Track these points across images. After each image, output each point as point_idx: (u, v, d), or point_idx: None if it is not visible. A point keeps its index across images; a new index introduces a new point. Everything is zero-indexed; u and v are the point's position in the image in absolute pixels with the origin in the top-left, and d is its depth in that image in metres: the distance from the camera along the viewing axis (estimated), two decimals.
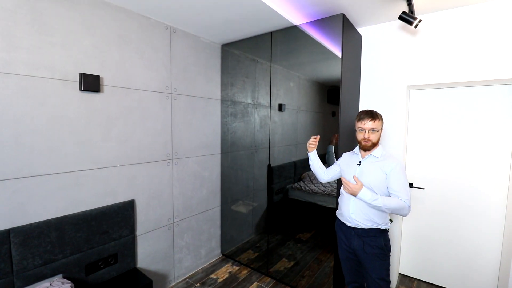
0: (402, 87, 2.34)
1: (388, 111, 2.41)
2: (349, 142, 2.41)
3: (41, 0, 1.63)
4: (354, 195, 1.67)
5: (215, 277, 2.70)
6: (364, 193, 1.63)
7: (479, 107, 2.21)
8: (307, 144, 2.06)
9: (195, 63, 2.63)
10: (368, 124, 1.69)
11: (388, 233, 1.79)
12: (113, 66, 2.00)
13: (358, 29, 2.51)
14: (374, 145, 1.73)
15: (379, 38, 2.43)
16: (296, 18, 2.27)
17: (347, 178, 1.81)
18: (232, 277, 2.71)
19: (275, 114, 2.70)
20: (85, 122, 1.87)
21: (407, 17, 1.97)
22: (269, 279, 2.70)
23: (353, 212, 1.75)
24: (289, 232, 2.92)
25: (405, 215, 1.63)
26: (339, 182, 2.26)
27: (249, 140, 2.90)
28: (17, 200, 1.60)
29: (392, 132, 2.41)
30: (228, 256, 3.11)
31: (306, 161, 2.97)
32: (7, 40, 1.53)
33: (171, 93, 2.42)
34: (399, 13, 2.11)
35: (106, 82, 1.96)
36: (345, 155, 1.98)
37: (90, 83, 1.85)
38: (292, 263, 2.76)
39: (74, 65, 1.80)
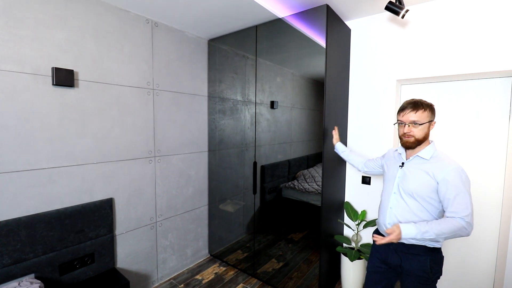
0: (391, 81, 2.25)
1: (378, 107, 2.32)
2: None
3: None
4: (398, 241, 1.35)
5: (200, 278, 2.63)
6: (407, 232, 1.31)
7: (472, 101, 2.10)
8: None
9: (179, 58, 2.57)
10: (409, 115, 1.39)
11: (441, 253, 1.44)
12: (89, 61, 1.95)
13: (347, 22, 2.42)
14: (420, 142, 1.41)
15: (368, 30, 2.34)
16: (280, 10, 2.19)
17: (387, 182, 1.57)
18: (218, 278, 2.64)
19: (267, 111, 2.62)
20: (59, 118, 1.82)
21: (394, 7, 1.88)
22: (255, 280, 2.62)
23: (390, 223, 1.48)
24: (281, 232, 2.84)
25: (466, 236, 1.29)
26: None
27: (239, 138, 2.83)
28: None
29: (381, 128, 2.31)
30: (216, 256, 3.04)
31: (300, 160, 2.90)
32: None
33: (153, 89, 2.36)
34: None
35: (81, 76, 1.91)
36: (390, 152, 1.70)
37: (63, 78, 1.80)
38: (281, 264, 2.68)
39: (46, 59, 1.75)
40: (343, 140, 2.45)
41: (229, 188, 2.95)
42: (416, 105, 1.39)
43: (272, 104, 2.62)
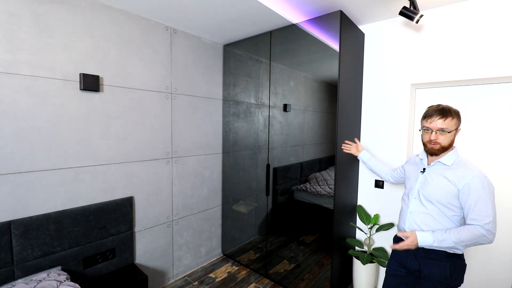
0: (406, 85, 2.25)
1: (392, 111, 2.33)
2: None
3: (42, 4, 1.72)
4: (415, 247, 1.37)
5: (213, 276, 2.71)
6: (424, 239, 1.33)
7: (489, 106, 2.07)
8: (345, 151, 1.95)
9: (196, 63, 2.67)
10: (436, 123, 1.36)
11: (463, 260, 1.42)
12: (113, 67, 2.07)
13: (360, 27, 2.44)
14: (445, 149, 1.40)
15: (382, 35, 2.35)
16: (294, 16, 2.25)
17: (408, 186, 1.57)
18: (231, 277, 2.70)
19: (280, 114, 2.67)
20: (85, 120, 1.94)
21: (408, 12, 1.89)
22: (267, 280, 2.67)
23: (409, 228, 1.48)
24: (293, 234, 2.88)
25: (488, 243, 1.28)
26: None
27: (252, 140, 2.89)
28: (18, 194, 1.69)
29: (396, 132, 2.32)
30: (228, 256, 3.11)
31: (313, 163, 2.93)
32: (11, 42, 1.62)
33: (171, 93, 2.46)
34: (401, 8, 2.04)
35: (105, 82, 2.03)
36: (410, 159, 1.70)
37: (90, 83, 1.92)
38: (292, 265, 2.72)
39: (75, 65, 1.88)
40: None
41: (242, 189, 3.02)
42: (444, 112, 1.37)
43: (285, 107, 2.67)
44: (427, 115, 1.43)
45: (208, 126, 2.85)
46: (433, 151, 1.41)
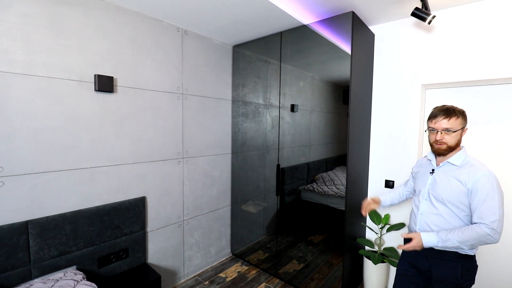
0: (416, 86, 2.26)
1: (402, 111, 2.33)
2: (360, 145, 2.35)
3: (59, 6, 1.74)
4: (421, 248, 1.38)
5: (224, 276, 2.72)
6: (428, 240, 1.35)
7: (501, 106, 2.08)
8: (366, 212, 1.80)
9: (206, 64, 2.68)
10: (441, 123, 1.38)
11: (474, 261, 1.43)
12: (126, 68, 2.08)
13: (370, 27, 2.45)
14: (452, 149, 1.41)
15: (392, 36, 2.36)
16: (305, 17, 2.26)
17: (418, 188, 1.56)
18: (241, 276, 2.72)
19: (287, 114, 2.69)
20: (99, 121, 1.96)
21: (420, 13, 1.90)
22: (277, 280, 2.68)
23: (420, 229, 1.49)
24: (301, 234, 2.89)
25: (494, 242, 1.27)
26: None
27: (261, 140, 2.91)
28: (35, 194, 1.71)
29: (406, 133, 2.33)
30: (237, 256, 3.12)
31: (319, 163, 2.94)
32: (28, 44, 1.64)
33: (182, 94, 2.48)
34: (412, 9, 2.04)
35: (119, 83, 2.04)
36: (419, 161, 1.69)
37: (104, 84, 1.94)
38: (302, 265, 2.73)
39: (89, 66, 1.89)
40: (365, 148, 2.48)
41: (250, 190, 3.03)
42: (448, 112, 1.38)
43: (292, 108, 2.68)
44: (432, 116, 1.44)
45: (218, 127, 2.86)
46: (440, 151, 1.42)
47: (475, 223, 1.31)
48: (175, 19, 2.29)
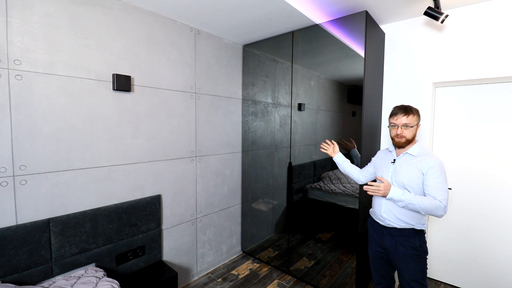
0: (427, 84, 2.30)
1: None
2: (372, 142, 2.39)
3: (79, 5, 1.76)
4: (385, 196, 1.55)
5: (236, 273, 2.74)
6: (395, 191, 1.53)
7: (511, 104, 2.12)
8: (322, 151, 2.11)
9: (217, 63, 2.71)
10: (401, 119, 1.62)
11: (425, 235, 1.68)
12: (142, 67, 2.10)
13: (381, 26, 2.48)
14: (409, 142, 1.65)
15: (403, 34, 2.39)
16: (318, 16, 2.29)
17: (381, 176, 1.74)
18: (253, 273, 2.74)
19: (295, 113, 2.72)
20: (117, 120, 1.98)
21: (433, 13, 1.93)
22: (289, 277, 2.71)
23: (385, 211, 1.69)
24: (309, 231, 2.92)
25: (440, 216, 1.52)
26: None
27: (269, 139, 2.94)
28: (56, 192, 1.72)
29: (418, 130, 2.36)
30: (248, 253, 3.15)
31: (325, 161, 2.97)
32: (49, 43, 1.66)
33: (195, 93, 2.50)
34: (424, 8, 2.08)
35: (136, 82, 2.06)
36: (380, 153, 1.92)
37: (122, 83, 1.96)
38: (312, 262, 2.76)
39: (108, 66, 1.91)
40: (377, 144, 2.51)
41: (260, 188, 3.06)
42: (406, 110, 1.63)
43: (300, 106, 2.72)
44: (393, 113, 1.68)
45: (229, 126, 2.89)
46: (400, 143, 1.66)
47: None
48: (189, 19, 2.31)
